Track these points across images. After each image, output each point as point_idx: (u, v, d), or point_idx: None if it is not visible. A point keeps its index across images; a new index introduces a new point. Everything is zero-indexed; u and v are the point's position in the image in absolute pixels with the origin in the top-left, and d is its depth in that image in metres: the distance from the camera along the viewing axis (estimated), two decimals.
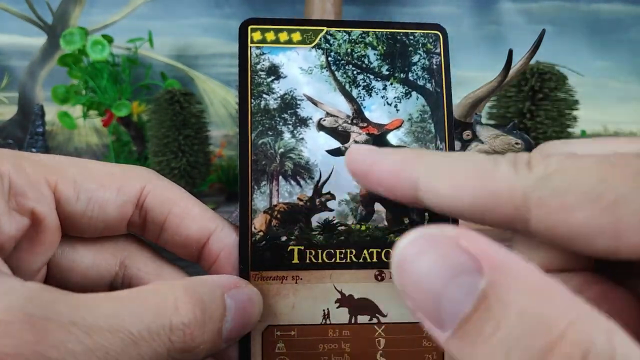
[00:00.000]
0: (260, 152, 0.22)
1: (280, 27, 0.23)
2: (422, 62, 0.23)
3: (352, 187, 0.22)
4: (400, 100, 0.23)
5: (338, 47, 0.23)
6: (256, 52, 0.22)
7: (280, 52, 0.23)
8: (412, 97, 0.23)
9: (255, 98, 0.22)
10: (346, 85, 0.23)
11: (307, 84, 0.23)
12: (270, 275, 0.21)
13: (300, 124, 0.22)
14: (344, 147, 0.22)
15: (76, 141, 1.01)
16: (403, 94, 0.23)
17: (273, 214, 0.22)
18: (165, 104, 0.73)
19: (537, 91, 0.75)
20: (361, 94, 0.23)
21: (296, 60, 0.23)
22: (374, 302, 0.21)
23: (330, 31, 0.23)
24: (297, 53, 0.23)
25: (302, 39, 0.23)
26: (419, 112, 0.23)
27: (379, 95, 0.23)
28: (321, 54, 0.23)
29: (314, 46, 0.23)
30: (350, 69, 0.23)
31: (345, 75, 0.23)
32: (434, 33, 0.23)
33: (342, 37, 0.23)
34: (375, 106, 0.23)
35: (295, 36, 0.23)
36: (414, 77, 0.23)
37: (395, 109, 0.23)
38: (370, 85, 0.23)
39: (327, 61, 0.23)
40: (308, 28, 0.23)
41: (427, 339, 0.21)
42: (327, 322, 0.21)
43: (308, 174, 0.22)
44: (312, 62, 0.23)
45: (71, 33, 0.78)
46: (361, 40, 0.23)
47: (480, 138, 0.31)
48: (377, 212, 0.22)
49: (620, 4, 1.13)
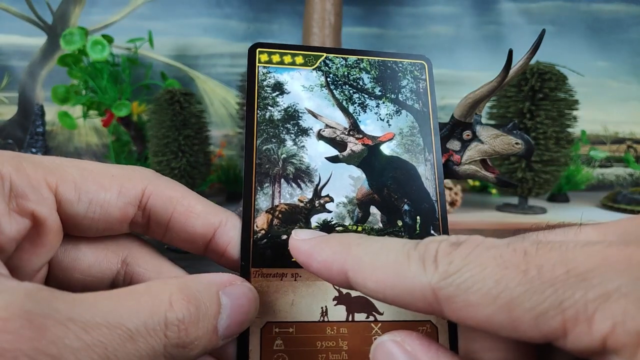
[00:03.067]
0: (264, 156, 0.24)
1: (285, 51, 0.25)
2: (410, 85, 0.26)
3: (349, 191, 0.24)
4: (391, 116, 0.26)
5: (336, 70, 0.26)
6: (263, 70, 0.25)
7: (285, 71, 0.25)
8: (402, 114, 0.26)
9: (261, 109, 0.24)
10: (343, 102, 0.25)
11: (308, 99, 0.25)
12: (271, 272, 0.22)
13: (301, 133, 0.24)
14: (341, 155, 0.25)
15: (76, 141, 1.01)
16: (394, 111, 0.26)
17: (274, 214, 0.23)
18: (165, 104, 0.73)
19: (537, 91, 0.75)
20: (357, 110, 0.25)
21: (299, 79, 0.25)
22: (370, 300, 0.22)
23: (329, 56, 0.26)
24: (300, 73, 0.25)
25: (304, 61, 0.25)
26: (409, 127, 0.26)
27: (372, 112, 0.25)
28: (321, 75, 0.26)
29: (314, 68, 0.25)
30: (346, 89, 0.26)
31: (343, 93, 0.25)
32: (419, 62, 0.27)
33: (340, 62, 0.26)
34: (369, 121, 0.25)
35: (298, 59, 0.25)
36: (403, 97, 0.26)
37: (387, 124, 0.25)
38: (365, 103, 0.26)
39: (327, 81, 0.25)
40: (310, 53, 0.26)
41: None
42: (325, 319, 0.21)
43: (308, 178, 0.24)
44: (313, 82, 0.25)
45: (71, 33, 0.78)
46: (356, 65, 0.26)
47: (480, 138, 0.31)
48: (372, 215, 0.24)
49: (620, 4, 1.14)
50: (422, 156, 0.25)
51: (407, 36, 1.08)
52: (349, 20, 1.04)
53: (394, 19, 1.09)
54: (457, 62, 1.06)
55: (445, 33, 1.08)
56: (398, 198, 0.24)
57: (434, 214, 0.24)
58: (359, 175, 0.24)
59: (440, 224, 0.23)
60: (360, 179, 0.24)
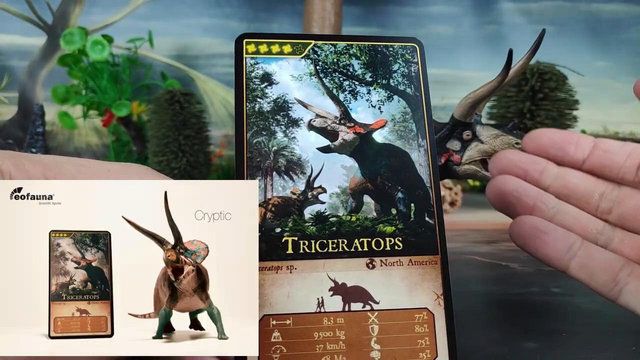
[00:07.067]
0: (254, 150, 0.23)
1: (273, 41, 0.25)
2: (402, 70, 0.26)
3: (341, 181, 0.24)
4: (383, 102, 0.25)
5: (325, 57, 0.25)
6: (250, 61, 0.25)
7: (273, 61, 0.25)
8: (394, 100, 0.25)
9: (250, 102, 0.24)
10: (333, 90, 0.25)
11: (297, 89, 0.25)
12: (266, 265, 0.22)
13: (292, 124, 0.24)
14: (333, 145, 0.24)
15: (76, 141, 1.01)
16: (385, 97, 0.25)
17: (268, 207, 0.23)
18: (165, 104, 0.73)
19: (537, 91, 0.75)
20: (347, 98, 0.25)
21: (287, 68, 0.25)
22: (366, 289, 0.22)
23: (318, 44, 0.25)
24: (288, 62, 0.25)
25: (292, 50, 0.25)
26: (401, 113, 0.25)
27: (363, 99, 0.25)
28: (310, 64, 0.25)
29: (303, 57, 0.25)
30: (336, 76, 0.25)
31: (332, 81, 0.25)
32: (411, 45, 0.26)
33: (329, 48, 0.25)
34: (360, 108, 0.25)
35: (286, 48, 0.25)
36: (394, 82, 0.25)
37: (379, 111, 0.25)
38: (355, 90, 0.25)
39: (316, 69, 0.25)
40: (298, 41, 0.25)
41: (420, 325, 0.21)
42: (321, 310, 0.21)
43: (300, 170, 0.24)
44: (301, 71, 0.25)
45: (71, 33, 0.78)
46: (346, 51, 0.26)
47: (480, 138, 0.31)
48: (366, 204, 0.23)
49: (620, 4, 1.14)
50: (416, 142, 0.25)
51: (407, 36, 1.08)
52: (349, 20, 1.04)
53: (394, 19, 1.09)
54: (457, 62, 1.06)
55: (445, 33, 1.08)
56: (392, 186, 0.24)
57: (429, 200, 0.23)
58: (352, 165, 0.24)
59: (435, 211, 0.23)
60: (352, 168, 0.24)
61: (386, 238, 0.23)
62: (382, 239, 0.23)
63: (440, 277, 0.22)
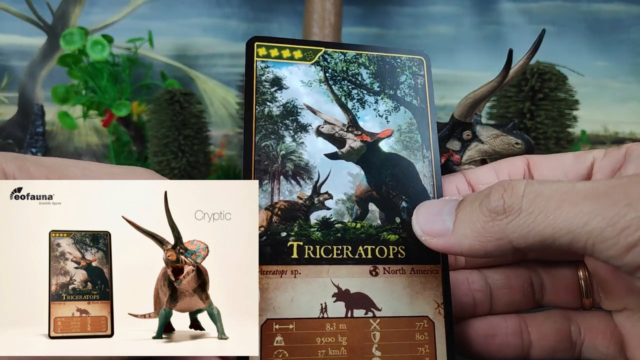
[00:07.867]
0: (262, 153, 0.24)
1: (284, 45, 0.25)
2: (409, 81, 0.26)
3: (348, 188, 0.24)
4: (390, 113, 0.26)
5: (335, 65, 0.26)
6: (261, 65, 0.25)
7: (283, 66, 0.25)
8: (401, 111, 0.26)
9: (260, 105, 0.24)
10: (342, 97, 0.25)
11: (307, 95, 0.25)
12: (270, 269, 0.22)
13: (300, 129, 0.25)
14: (340, 151, 0.25)
15: (76, 141, 1.01)
16: (392, 107, 0.26)
17: (274, 211, 0.23)
18: (165, 104, 0.73)
19: (537, 91, 0.75)
20: (355, 106, 0.25)
21: (297, 74, 0.25)
22: (369, 296, 0.22)
23: (328, 51, 0.26)
24: (299, 68, 0.25)
25: (303, 56, 0.25)
26: (407, 124, 0.26)
27: (371, 108, 0.26)
28: (320, 70, 0.26)
29: (313, 63, 0.25)
30: (345, 84, 0.26)
31: (341, 89, 0.25)
32: (418, 58, 0.27)
33: (339, 56, 0.26)
34: (368, 117, 0.25)
35: (296, 54, 0.25)
36: (401, 94, 0.26)
37: (385, 120, 0.26)
38: (364, 99, 0.26)
39: (325, 76, 0.25)
40: (308, 48, 0.25)
41: (420, 333, 0.21)
42: (324, 315, 0.22)
43: (307, 175, 0.24)
44: (311, 77, 0.25)
45: (71, 33, 0.78)
46: (355, 60, 0.26)
47: (480, 138, 0.31)
48: (371, 212, 0.24)
49: (620, 4, 1.14)
50: (420, 153, 0.25)
51: (407, 36, 1.08)
52: (349, 20, 1.04)
53: (394, 19, 1.09)
54: (457, 62, 1.06)
55: (445, 33, 1.08)
56: (396, 195, 0.24)
57: None
58: (358, 172, 0.24)
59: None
60: (359, 175, 0.24)
61: (390, 246, 0.23)
62: (385, 247, 0.23)
63: (441, 286, 0.22)
